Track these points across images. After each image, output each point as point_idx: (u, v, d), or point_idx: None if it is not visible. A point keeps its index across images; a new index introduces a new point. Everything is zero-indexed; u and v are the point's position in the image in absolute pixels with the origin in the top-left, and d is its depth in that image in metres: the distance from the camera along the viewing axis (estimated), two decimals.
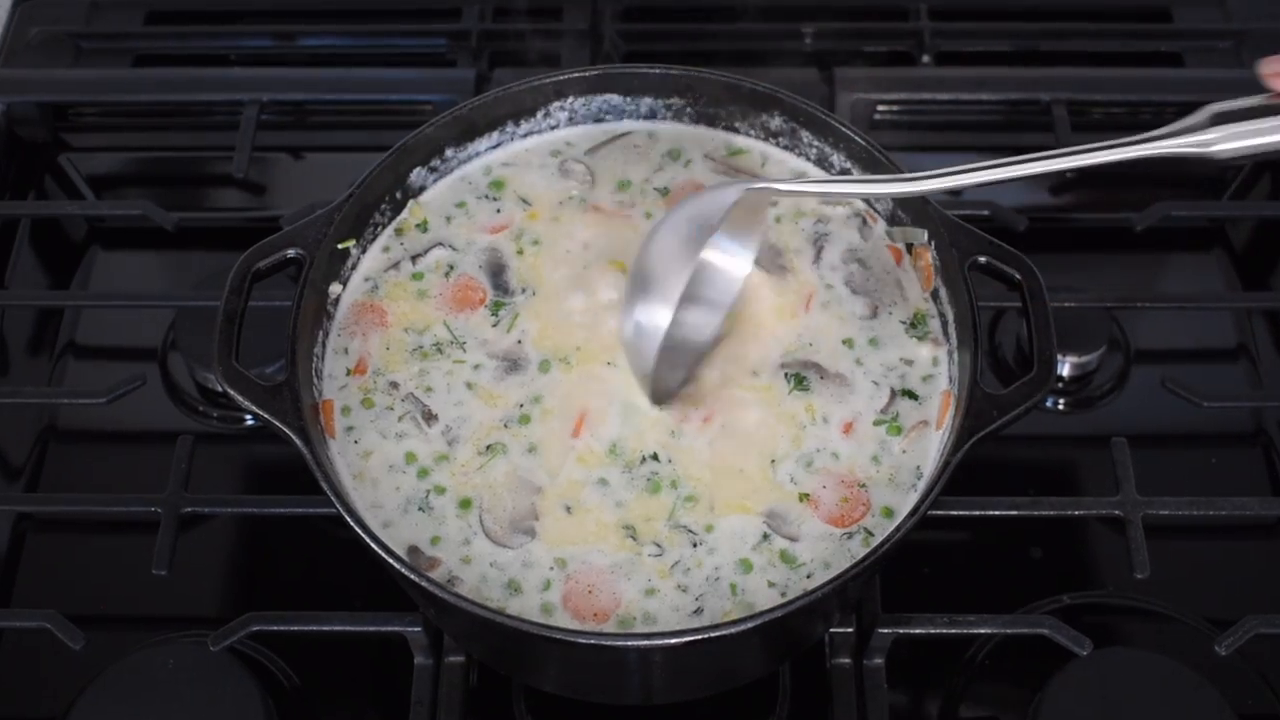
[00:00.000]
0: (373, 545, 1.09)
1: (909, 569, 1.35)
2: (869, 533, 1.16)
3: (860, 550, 1.15)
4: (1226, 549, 1.41)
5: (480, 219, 1.33)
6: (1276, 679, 1.31)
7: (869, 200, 1.32)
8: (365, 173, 1.27)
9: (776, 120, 1.34)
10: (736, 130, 1.36)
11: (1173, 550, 1.35)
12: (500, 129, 1.35)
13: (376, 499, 1.18)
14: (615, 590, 1.14)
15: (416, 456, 1.20)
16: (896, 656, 1.28)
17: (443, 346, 1.26)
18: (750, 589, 1.14)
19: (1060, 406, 1.50)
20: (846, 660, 1.29)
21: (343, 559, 1.23)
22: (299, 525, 1.36)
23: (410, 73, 1.73)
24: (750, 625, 1.05)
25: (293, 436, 1.12)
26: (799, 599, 1.06)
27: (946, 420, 1.20)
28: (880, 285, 1.28)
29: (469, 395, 1.23)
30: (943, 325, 1.26)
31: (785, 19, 1.77)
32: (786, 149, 1.35)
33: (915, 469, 1.19)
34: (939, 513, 1.29)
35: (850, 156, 1.31)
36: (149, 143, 1.75)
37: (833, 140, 1.31)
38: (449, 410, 1.22)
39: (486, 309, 1.28)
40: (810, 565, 1.15)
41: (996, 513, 1.33)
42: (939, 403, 1.22)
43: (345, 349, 1.26)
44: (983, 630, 1.29)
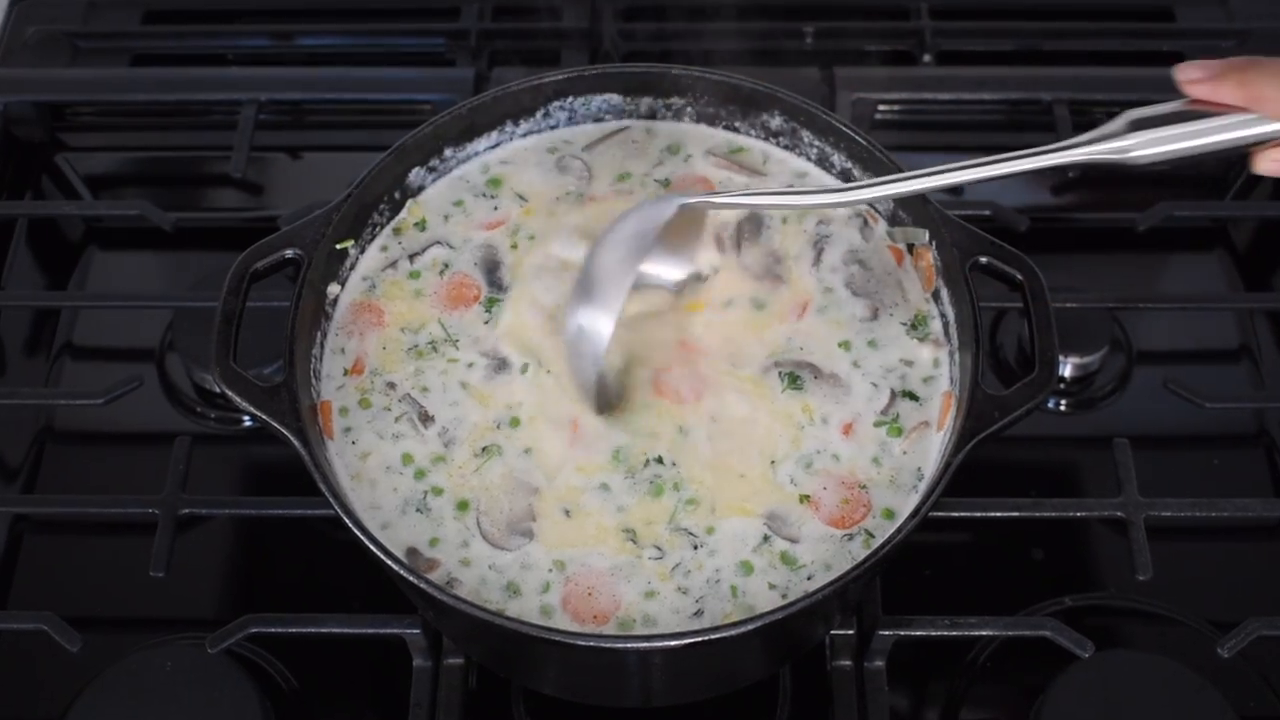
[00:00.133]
0: (371, 547, 1.08)
1: (910, 571, 1.34)
2: (870, 534, 1.16)
3: (861, 552, 1.15)
4: (1229, 551, 1.41)
5: (477, 216, 1.33)
6: (1279, 681, 1.31)
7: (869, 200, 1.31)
8: (364, 173, 1.27)
9: (777, 120, 1.34)
10: (737, 130, 1.36)
11: (1175, 552, 1.35)
12: (500, 129, 1.35)
13: (374, 500, 1.18)
14: (615, 593, 1.13)
15: (414, 458, 1.20)
16: (897, 659, 1.28)
17: (437, 344, 1.25)
18: (751, 590, 1.14)
19: (1062, 407, 1.50)
20: (847, 662, 1.28)
21: (341, 561, 1.24)
22: (297, 527, 1.36)
23: (409, 72, 1.73)
24: (750, 627, 1.05)
25: (291, 438, 1.12)
26: (799, 601, 1.06)
27: (948, 421, 1.19)
28: (881, 287, 1.28)
29: (463, 395, 1.23)
30: (944, 326, 1.25)
31: (786, 18, 1.77)
32: (787, 149, 1.35)
33: (916, 470, 1.19)
34: (940, 514, 1.29)
35: (851, 156, 1.30)
36: (146, 142, 1.75)
37: (833, 140, 1.31)
38: (445, 411, 1.22)
39: (481, 305, 1.28)
40: (811, 567, 1.15)
41: (998, 514, 1.32)
42: (940, 404, 1.22)
43: (343, 349, 1.25)
44: (984, 632, 1.29)
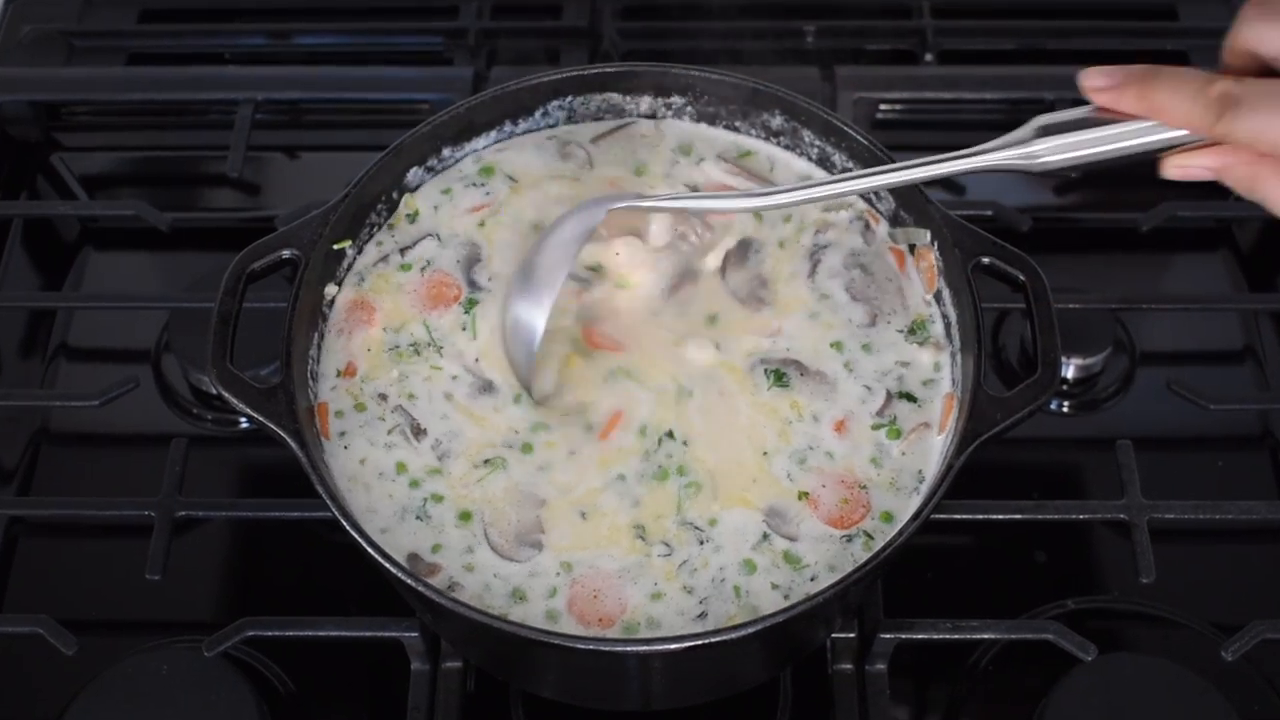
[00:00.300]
0: (369, 550, 1.08)
1: (912, 573, 1.34)
2: (869, 535, 1.16)
3: (861, 554, 1.14)
4: (1233, 553, 1.40)
5: (464, 202, 1.32)
6: None
7: (870, 200, 1.31)
8: (361, 172, 1.27)
9: (777, 119, 1.33)
10: (737, 129, 1.35)
11: (1179, 554, 1.34)
12: (498, 128, 1.34)
13: (370, 504, 1.17)
14: (621, 596, 1.13)
15: (407, 467, 1.19)
16: (899, 662, 1.28)
17: (419, 347, 1.24)
18: (754, 590, 1.13)
19: (1065, 409, 1.49)
20: (848, 666, 1.28)
21: (339, 563, 1.24)
22: (294, 529, 1.35)
23: (407, 71, 1.73)
24: (749, 631, 1.04)
25: (288, 439, 1.11)
26: (799, 604, 1.05)
27: (949, 423, 1.19)
28: (881, 293, 1.27)
29: (450, 408, 1.21)
30: (945, 327, 1.25)
31: (786, 17, 1.77)
32: (788, 149, 1.34)
33: (917, 472, 1.18)
34: (942, 516, 1.27)
35: (852, 156, 1.30)
36: (142, 142, 1.75)
37: (834, 139, 1.31)
38: (436, 424, 1.20)
39: (460, 306, 1.26)
40: (814, 568, 1.14)
41: (1000, 516, 1.32)
42: (941, 406, 1.21)
43: (337, 348, 1.24)
44: (986, 636, 1.28)
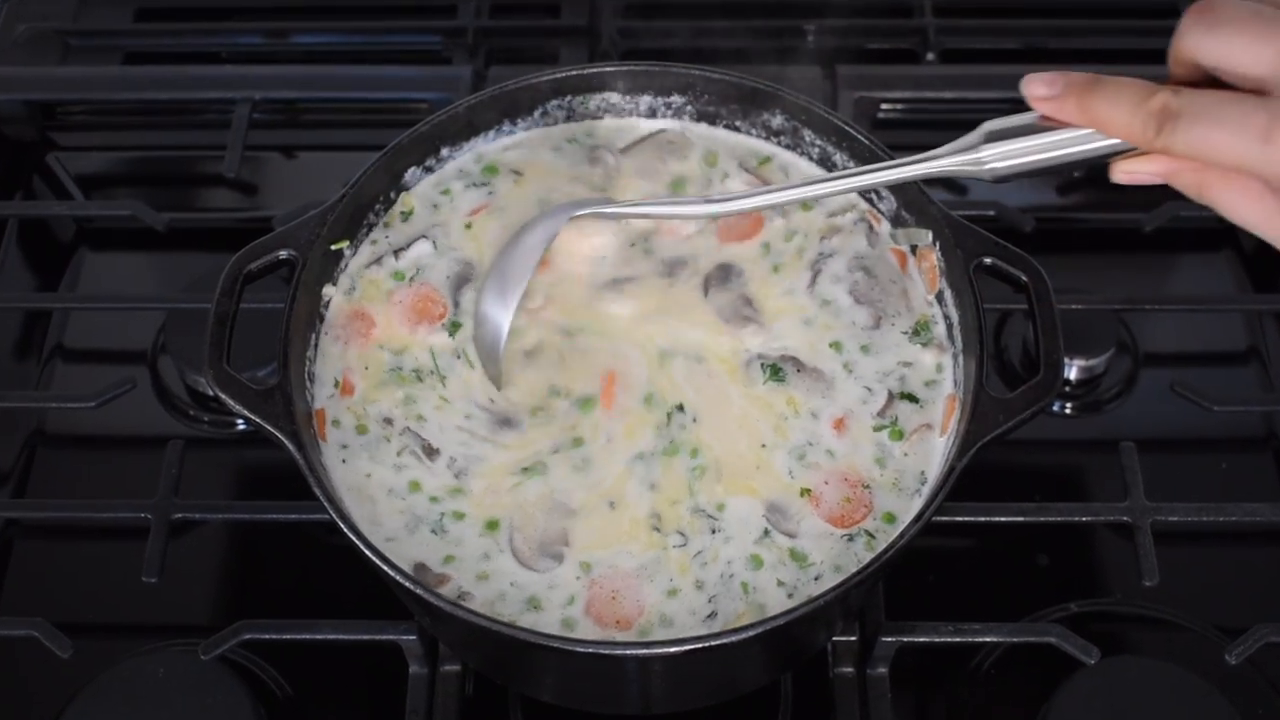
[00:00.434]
0: (366, 552, 1.07)
1: (913, 576, 1.34)
2: (870, 535, 1.15)
3: (864, 553, 1.14)
4: (1237, 556, 1.40)
5: (463, 204, 1.31)
6: None
7: (871, 200, 1.30)
8: (359, 172, 1.26)
9: (778, 119, 1.33)
10: (738, 129, 1.35)
11: (1182, 557, 1.34)
12: (496, 127, 1.34)
13: (375, 515, 1.16)
14: (639, 597, 1.12)
15: (422, 485, 1.17)
16: (900, 665, 1.27)
17: (422, 374, 1.23)
18: (760, 587, 1.13)
19: (1067, 410, 1.49)
20: (849, 669, 1.28)
21: (336, 566, 1.23)
22: (291, 531, 1.35)
23: (405, 70, 1.73)
24: (750, 634, 1.04)
25: (285, 441, 1.11)
26: (799, 607, 1.05)
27: (951, 425, 1.18)
28: (885, 295, 1.26)
29: (468, 437, 1.20)
30: (947, 328, 1.24)
31: (787, 16, 1.76)
32: (789, 148, 1.33)
33: (919, 474, 1.18)
34: (944, 519, 1.26)
35: (853, 155, 1.29)
36: (139, 142, 1.74)
37: (835, 139, 1.30)
38: (453, 448, 1.19)
39: (443, 327, 1.25)
40: (819, 566, 1.14)
41: (1002, 519, 1.32)
42: (943, 407, 1.21)
43: (334, 355, 1.23)
44: (988, 639, 1.28)
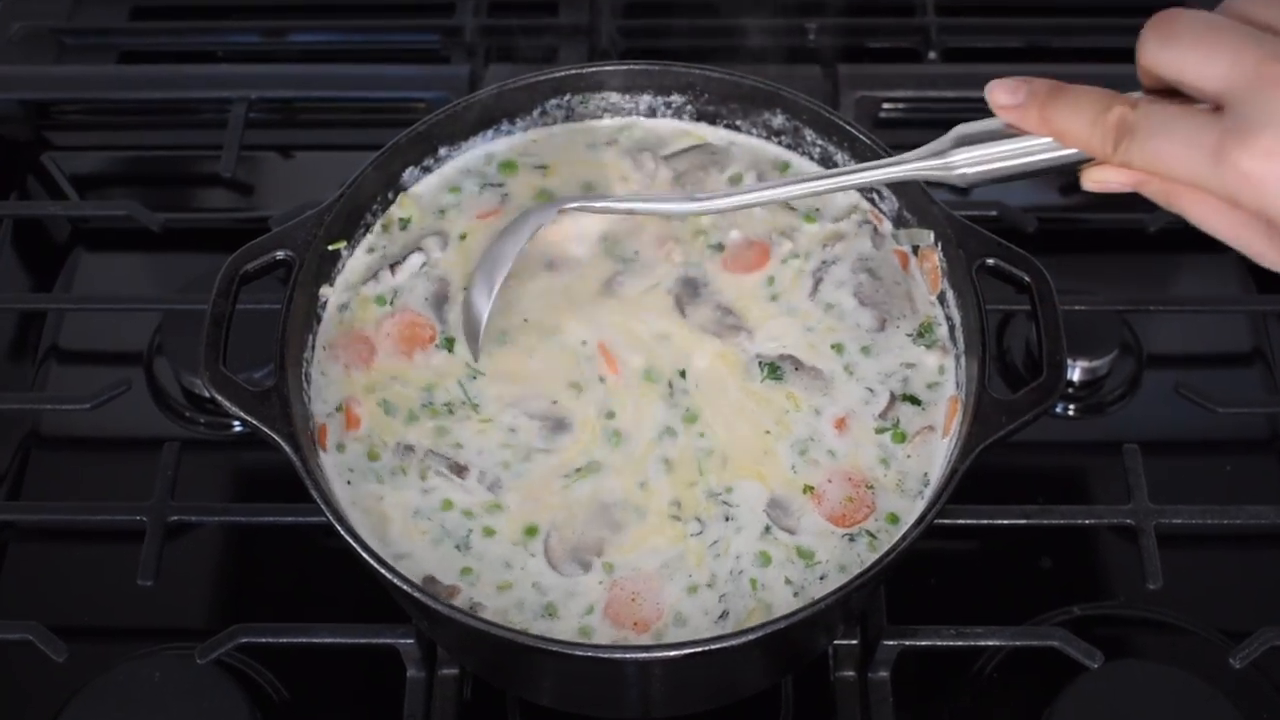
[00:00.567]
0: (364, 554, 1.07)
1: (915, 579, 1.33)
2: (872, 536, 1.15)
3: (867, 554, 1.14)
4: (1241, 559, 1.40)
5: (470, 208, 1.30)
6: None
7: (873, 200, 1.30)
8: (356, 172, 1.26)
9: (779, 118, 1.33)
10: (738, 129, 1.34)
11: (1186, 560, 1.34)
12: (495, 126, 1.33)
13: (386, 533, 1.15)
14: (659, 599, 1.12)
15: (454, 504, 1.17)
16: (902, 669, 1.27)
17: (454, 407, 1.22)
18: (768, 585, 1.13)
19: (1070, 412, 1.49)
20: (850, 673, 1.28)
21: (333, 569, 1.24)
22: (288, 534, 1.34)
23: (403, 69, 1.72)
24: (750, 637, 1.04)
25: (281, 443, 1.11)
26: (799, 611, 1.05)
27: (954, 427, 1.18)
28: (890, 297, 1.26)
29: (512, 454, 1.19)
30: (950, 330, 1.24)
31: (788, 14, 1.76)
32: (790, 148, 1.33)
33: (922, 475, 1.18)
34: (946, 521, 1.27)
35: (855, 155, 1.29)
36: (134, 141, 1.74)
37: (836, 139, 1.30)
38: (494, 470, 1.18)
39: (438, 347, 1.24)
40: (825, 565, 1.14)
41: (1005, 521, 1.31)
42: (946, 409, 1.20)
43: (334, 375, 1.22)
44: (991, 642, 1.27)
